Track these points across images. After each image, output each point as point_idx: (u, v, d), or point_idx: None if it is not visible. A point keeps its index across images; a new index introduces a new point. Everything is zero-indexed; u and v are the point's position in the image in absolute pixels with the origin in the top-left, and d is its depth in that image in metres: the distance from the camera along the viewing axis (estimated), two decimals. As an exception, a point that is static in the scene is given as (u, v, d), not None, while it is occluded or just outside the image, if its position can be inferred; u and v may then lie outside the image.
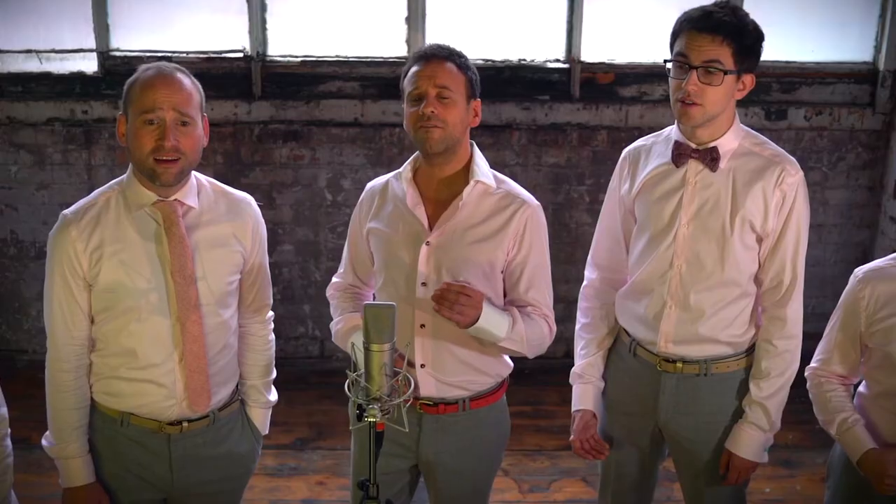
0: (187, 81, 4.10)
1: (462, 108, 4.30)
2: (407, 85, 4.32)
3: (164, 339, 4.20)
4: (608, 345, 4.84)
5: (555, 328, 4.57)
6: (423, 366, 4.38)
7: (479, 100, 4.41)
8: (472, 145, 4.45)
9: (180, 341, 4.20)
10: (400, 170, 4.51)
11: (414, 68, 4.30)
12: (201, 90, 4.19)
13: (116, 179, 4.27)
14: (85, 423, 4.29)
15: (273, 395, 4.69)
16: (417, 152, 4.43)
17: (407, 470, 4.70)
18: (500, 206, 4.41)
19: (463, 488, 4.70)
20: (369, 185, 4.62)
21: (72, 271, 4.14)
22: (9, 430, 4.29)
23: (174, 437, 4.33)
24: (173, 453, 4.35)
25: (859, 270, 4.40)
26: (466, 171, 4.41)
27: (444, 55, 4.31)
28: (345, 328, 4.49)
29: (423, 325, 4.39)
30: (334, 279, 4.70)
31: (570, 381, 4.86)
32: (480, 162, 4.44)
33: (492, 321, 4.29)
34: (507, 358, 4.63)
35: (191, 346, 4.21)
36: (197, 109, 4.12)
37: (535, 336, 4.48)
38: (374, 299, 4.61)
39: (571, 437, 4.83)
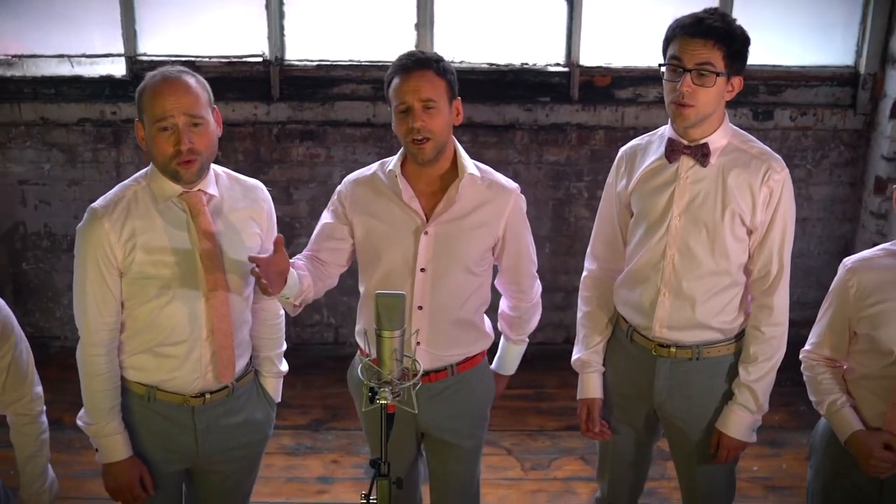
0: (193, 82, 4.12)
1: (446, 113, 4.36)
2: (393, 98, 4.37)
3: (193, 318, 4.26)
4: (608, 333, 4.87)
5: (539, 288, 4.89)
6: (418, 343, 4.43)
7: (458, 98, 4.45)
8: (453, 140, 4.51)
9: (209, 320, 4.26)
10: (385, 164, 4.61)
11: (396, 81, 4.35)
12: (207, 87, 4.21)
13: (139, 173, 4.32)
14: (119, 401, 4.33)
15: (284, 366, 4.78)
16: (403, 149, 4.49)
17: (413, 439, 4.81)
18: (489, 196, 4.53)
19: (461, 450, 4.81)
20: (353, 178, 4.64)
21: (105, 261, 4.17)
22: (44, 408, 4.35)
23: (198, 408, 4.39)
24: (198, 424, 4.41)
25: (848, 260, 4.42)
26: (452, 164, 4.50)
27: (424, 65, 4.34)
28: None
29: (420, 307, 4.50)
30: (303, 254, 4.69)
31: (575, 367, 4.91)
32: (464, 154, 4.53)
33: (514, 360, 5.01)
34: (489, 331, 4.79)
35: (219, 324, 4.27)
36: (206, 107, 4.14)
37: (534, 319, 4.94)
38: (364, 286, 4.70)
39: (581, 426, 4.92)
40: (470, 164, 4.50)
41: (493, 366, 4.98)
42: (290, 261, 4.32)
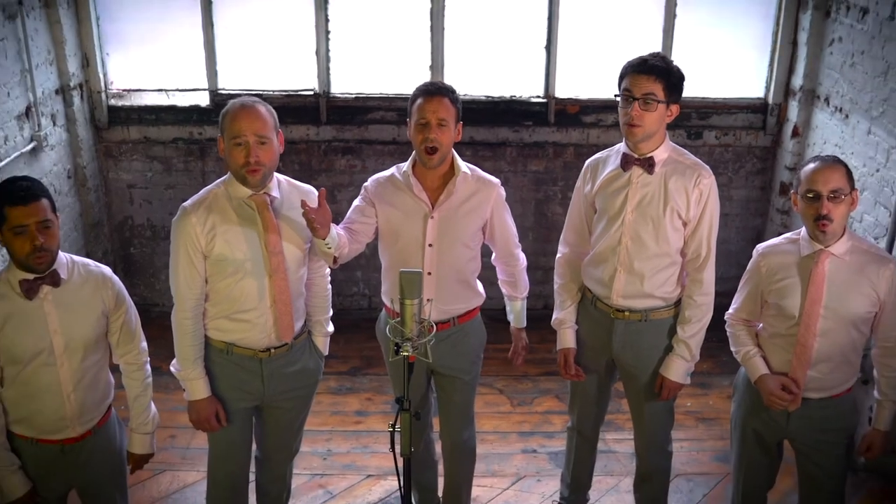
0: (263, 110, 4.17)
1: (452, 131, 4.48)
2: (415, 113, 4.45)
3: (260, 291, 4.31)
4: (578, 298, 4.92)
5: (523, 256, 4.94)
6: (429, 300, 4.48)
7: (461, 122, 4.56)
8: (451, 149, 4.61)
9: (272, 293, 4.32)
10: (399, 167, 4.70)
11: (419, 101, 4.45)
12: (275, 114, 4.25)
13: (219, 180, 4.38)
14: (202, 354, 4.40)
15: (330, 327, 4.82)
16: (413, 154, 4.59)
17: (425, 376, 4.91)
18: (477, 188, 4.65)
19: (461, 381, 4.91)
20: (376, 178, 4.75)
21: (192, 247, 4.23)
22: (148, 359, 4.41)
23: (265, 360, 4.45)
24: (264, 372, 4.48)
25: (760, 246, 4.52)
26: (450, 166, 4.60)
27: (442, 92, 4.46)
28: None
29: (429, 273, 4.60)
30: (340, 225, 4.71)
31: (554, 326, 4.96)
32: (458, 158, 4.63)
33: (522, 314, 5.01)
34: (481, 292, 4.87)
35: (280, 295, 4.33)
36: (272, 130, 4.18)
37: (525, 279, 4.98)
38: (386, 259, 4.79)
39: (560, 370, 4.97)
40: (463, 165, 4.61)
41: (512, 324, 5.05)
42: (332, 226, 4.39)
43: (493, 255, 4.90)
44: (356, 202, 4.73)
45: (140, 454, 4.44)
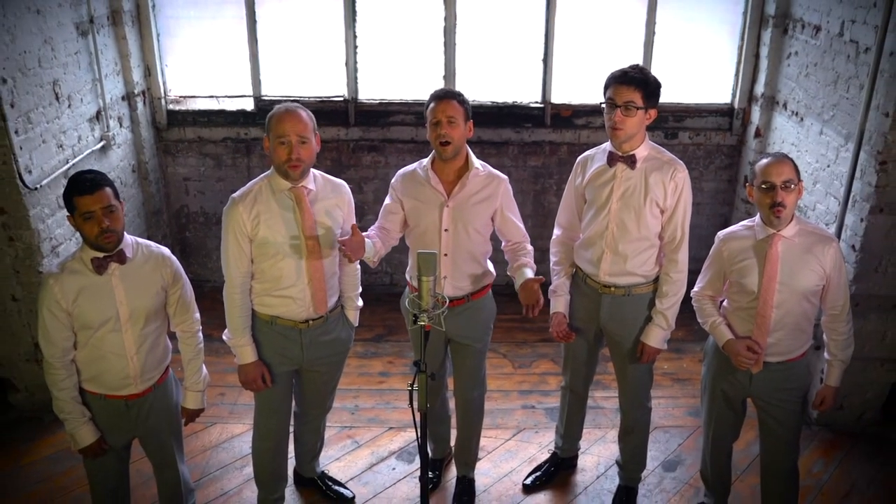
0: (304, 114, 4.21)
1: (462, 128, 4.47)
2: (428, 115, 4.47)
3: (298, 271, 4.34)
4: (570, 272, 4.92)
5: (531, 248, 4.85)
6: (445, 278, 4.58)
7: (471, 120, 4.55)
8: (466, 146, 4.60)
9: (308, 272, 4.35)
10: (421, 163, 4.70)
11: (432, 104, 4.46)
12: (313, 118, 4.28)
13: (262, 175, 4.40)
14: (249, 324, 4.45)
15: (360, 302, 4.83)
16: (433, 152, 4.57)
17: (442, 344, 4.93)
18: (487, 182, 4.64)
19: (473, 348, 4.91)
20: (400, 173, 4.76)
21: (240, 232, 4.26)
22: (200, 327, 4.43)
23: (304, 330, 4.49)
24: (303, 340, 4.51)
25: (721, 233, 4.55)
26: (465, 161, 4.60)
27: (451, 96, 4.48)
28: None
29: (445, 255, 4.60)
30: (374, 226, 4.77)
31: (549, 295, 4.95)
32: (472, 155, 4.64)
33: (531, 269, 4.74)
34: (492, 271, 4.84)
35: (315, 274, 4.36)
36: (311, 131, 4.22)
37: (530, 250, 4.82)
38: (410, 242, 4.80)
39: (551, 329, 4.95)
40: (476, 162, 4.62)
41: (523, 280, 4.61)
42: (366, 233, 4.47)
43: (504, 243, 4.89)
44: (386, 201, 4.76)
45: (193, 409, 4.47)
